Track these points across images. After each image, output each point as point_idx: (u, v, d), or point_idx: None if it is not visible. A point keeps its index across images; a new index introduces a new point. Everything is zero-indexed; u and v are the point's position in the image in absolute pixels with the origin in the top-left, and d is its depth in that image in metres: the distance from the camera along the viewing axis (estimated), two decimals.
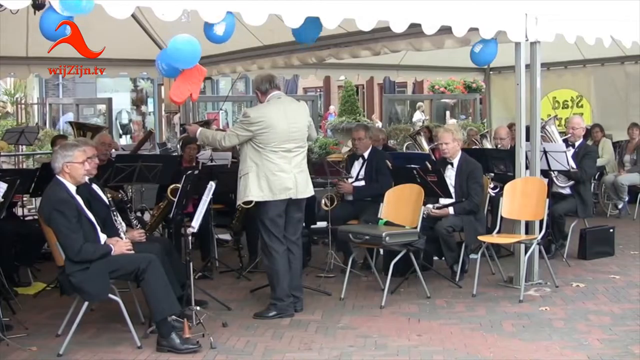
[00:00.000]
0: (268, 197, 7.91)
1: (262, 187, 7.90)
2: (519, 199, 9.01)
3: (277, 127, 7.92)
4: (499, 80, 17.05)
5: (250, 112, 8.10)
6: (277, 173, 7.90)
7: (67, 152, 7.25)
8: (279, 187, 7.91)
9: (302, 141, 8.19)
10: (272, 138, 7.90)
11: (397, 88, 35.38)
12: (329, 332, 7.52)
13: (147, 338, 7.23)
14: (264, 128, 7.88)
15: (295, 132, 8.07)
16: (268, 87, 8.18)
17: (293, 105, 8.37)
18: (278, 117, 7.97)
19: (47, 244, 8.24)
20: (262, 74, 8.65)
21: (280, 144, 7.94)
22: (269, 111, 8.00)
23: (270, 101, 8.14)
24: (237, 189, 8.10)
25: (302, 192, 8.11)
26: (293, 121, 8.07)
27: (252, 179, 7.91)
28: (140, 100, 33.26)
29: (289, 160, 7.98)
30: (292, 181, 7.98)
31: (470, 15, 8.44)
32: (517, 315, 7.96)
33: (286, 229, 8.12)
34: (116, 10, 6.42)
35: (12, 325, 7.64)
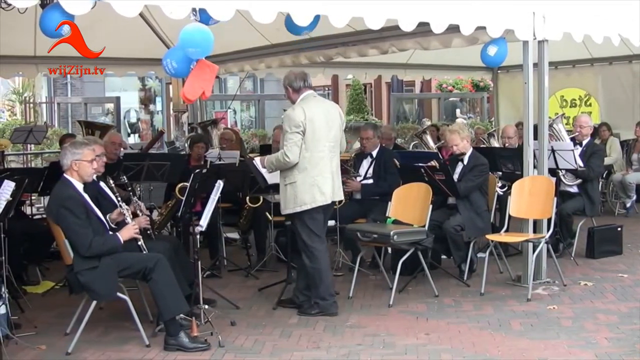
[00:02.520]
0: (321, 201, 7.87)
1: (314, 193, 7.83)
2: (527, 197, 9.00)
3: (320, 126, 7.87)
4: (507, 79, 17.03)
5: (293, 113, 7.89)
6: (325, 176, 7.87)
7: (77, 150, 7.26)
8: (328, 191, 7.89)
9: (338, 142, 8.12)
10: (315, 138, 7.83)
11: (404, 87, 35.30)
12: (337, 330, 7.52)
13: (155, 337, 7.24)
14: (308, 127, 7.80)
15: (332, 132, 8.01)
16: (302, 85, 8.06)
17: (329, 104, 8.36)
18: (319, 116, 7.91)
19: (55, 242, 8.26)
20: (295, 70, 8.45)
21: (322, 144, 7.89)
22: (310, 110, 7.89)
23: (306, 100, 8.01)
24: (283, 196, 7.96)
25: (337, 194, 8.10)
26: (332, 121, 8.03)
27: (301, 186, 7.82)
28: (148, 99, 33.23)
29: (329, 162, 7.94)
30: (332, 183, 7.96)
31: (478, 14, 8.44)
32: (525, 314, 7.95)
33: None
34: (125, 9, 6.43)
35: (21, 324, 7.65)
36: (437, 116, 30.32)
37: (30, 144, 16.32)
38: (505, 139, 11.72)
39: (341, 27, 7.71)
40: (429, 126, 16.29)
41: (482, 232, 9.20)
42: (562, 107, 16.84)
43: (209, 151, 11.68)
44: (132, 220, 7.43)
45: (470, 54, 11.34)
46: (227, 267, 10.28)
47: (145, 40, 12.12)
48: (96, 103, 27.48)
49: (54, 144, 18.83)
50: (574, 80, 16.63)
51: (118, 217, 7.52)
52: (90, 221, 7.08)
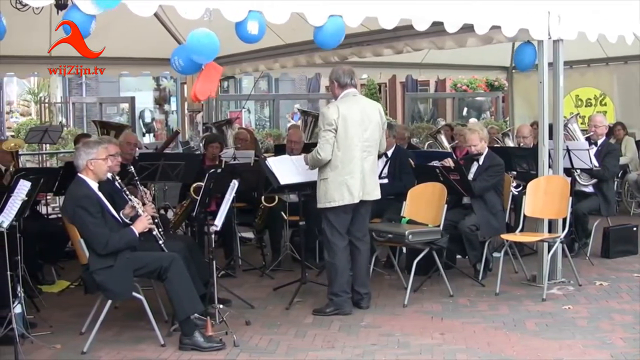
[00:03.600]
0: (348, 200, 7.91)
1: (342, 191, 7.88)
2: (542, 197, 8.98)
3: (353, 125, 7.89)
4: (521, 79, 16.96)
5: (327, 111, 7.98)
6: (354, 176, 7.89)
7: (91, 149, 7.29)
8: (356, 191, 7.91)
9: (375, 141, 8.13)
10: (347, 137, 7.87)
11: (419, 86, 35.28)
12: (352, 330, 7.52)
13: (170, 336, 7.25)
14: (341, 125, 7.84)
15: (368, 131, 8.02)
16: (348, 81, 8.10)
17: (367, 103, 8.36)
18: (354, 115, 7.93)
19: (70, 242, 8.29)
20: (344, 66, 8.50)
21: (356, 143, 7.91)
22: (345, 109, 7.92)
23: (345, 98, 8.05)
24: (318, 191, 8.05)
25: (371, 193, 8.10)
26: (368, 120, 8.03)
27: (332, 183, 7.90)
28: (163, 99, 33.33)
29: (361, 161, 7.95)
30: (364, 183, 7.97)
31: (492, 13, 8.43)
32: (540, 314, 7.94)
33: (353, 225, 8.13)
34: (140, 9, 6.45)
35: (37, 323, 7.69)
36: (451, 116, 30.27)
37: (45, 143, 16.37)
38: (520, 139, 11.68)
39: (355, 26, 7.72)
40: (443, 126, 16.27)
41: (497, 231, 9.18)
42: (577, 106, 16.78)
43: (224, 151, 11.68)
44: (143, 212, 7.46)
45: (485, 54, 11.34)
46: (242, 266, 10.29)
47: (160, 40, 12.14)
48: (111, 103, 27.55)
49: (69, 144, 18.88)
50: (589, 79, 16.57)
51: (131, 212, 7.52)
52: (105, 219, 7.11)
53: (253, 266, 10.21)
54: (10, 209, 6.81)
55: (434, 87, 35.34)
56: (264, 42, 12.14)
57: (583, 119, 15.17)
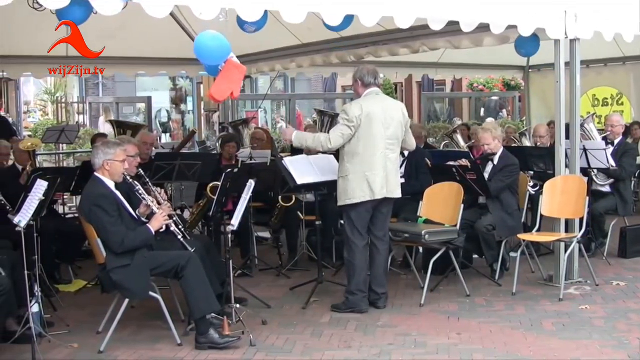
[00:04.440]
0: (368, 197, 7.93)
1: (364, 188, 7.91)
2: (559, 197, 8.95)
3: (376, 123, 7.92)
4: (538, 78, 16.92)
5: (350, 109, 8.02)
6: (375, 172, 7.91)
7: (109, 149, 7.32)
8: (378, 187, 7.92)
9: (397, 140, 8.15)
10: (370, 134, 7.90)
11: (435, 86, 35.22)
12: (369, 330, 7.52)
13: (187, 336, 7.27)
14: (364, 123, 7.87)
15: (391, 129, 8.04)
16: (372, 81, 8.14)
17: (390, 102, 8.38)
18: (376, 113, 7.95)
19: (87, 241, 8.32)
20: (368, 66, 8.57)
21: (378, 141, 7.94)
22: (368, 107, 7.96)
23: (368, 97, 8.09)
24: (338, 188, 8.09)
25: (393, 191, 8.11)
26: (390, 119, 8.06)
27: (353, 180, 7.93)
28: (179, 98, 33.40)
29: (383, 159, 7.97)
30: (386, 180, 7.98)
31: (508, 12, 8.42)
32: (557, 314, 7.92)
33: (373, 224, 8.16)
34: (155, 10, 6.47)
35: (54, 322, 7.72)
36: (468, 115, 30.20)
37: (62, 143, 16.41)
38: (537, 138, 11.63)
39: (371, 26, 7.73)
40: (460, 125, 16.25)
41: (514, 231, 9.17)
42: (594, 106, 16.72)
43: (240, 151, 11.71)
44: (158, 210, 7.47)
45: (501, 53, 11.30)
46: (259, 266, 10.30)
47: (177, 40, 12.13)
48: (128, 103, 27.60)
49: (86, 144, 18.92)
50: (605, 79, 16.49)
51: (146, 211, 7.54)
52: (122, 218, 7.13)
53: (269, 266, 10.22)
54: (28, 208, 6.83)
55: (450, 86, 35.27)
56: (280, 42, 12.26)
57: (600, 119, 15.11)
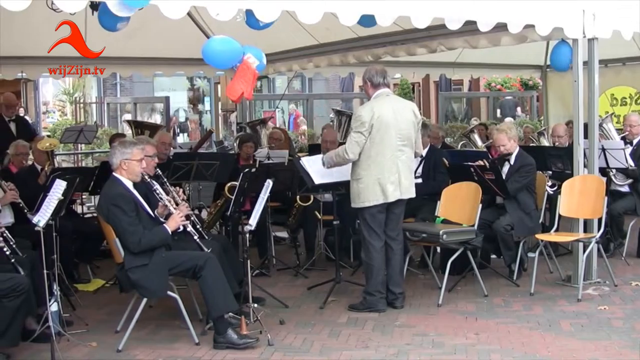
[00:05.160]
0: (381, 200, 7.95)
1: (376, 191, 7.92)
2: (577, 197, 8.93)
3: (387, 125, 7.92)
4: (556, 78, 16.82)
5: (361, 112, 8.04)
6: (387, 175, 7.91)
7: (126, 149, 7.34)
8: (390, 190, 7.93)
9: (409, 140, 8.14)
10: (381, 137, 7.89)
11: (452, 86, 35.17)
12: (386, 330, 7.52)
13: (204, 335, 7.29)
14: (375, 126, 7.87)
15: (402, 130, 8.04)
16: (381, 81, 8.14)
17: (400, 103, 8.37)
18: (388, 115, 7.95)
19: (106, 241, 8.35)
20: (377, 66, 8.60)
21: (390, 142, 7.94)
22: (379, 109, 7.96)
23: (378, 98, 8.09)
24: (351, 191, 8.11)
25: (406, 192, 8.11)
26: (401, 119, 8.05)
27: (365, 184, 7.94)
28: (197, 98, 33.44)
29: (395, 161, 7.97)
30: (399, 182, 7.99)
31: (526, 12, 8.40)
32: (575, 314, 7.89)
33: (386, 225, 8.16)
34: (171, 11, 6.48)
35: (73, 321, 7.77)
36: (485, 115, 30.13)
37: (80, 143, 16.46)
38: (555, 138, 11.61)
39: (387, 25, 7.73)
40: (477, 125, 16.21)
41: (532, 231, 9.15)
42: (612, 105, 16.63)
43: (258, 150, 11.72)
44: (175, 210, 7.49)
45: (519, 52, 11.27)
46: (276, 266, 10.32)
47: (194, 40, 12.16)
48: (145, 103, 27.65)
49: (104, 144, 18.98)
50: (624, 78, 16.40)
51: (164, 211, 7.57)
52: (140, 218, 7.15)
53: (287, 265, 10.24)
54: (47, 208, 6.86)
55: (467, 86, 35.21)
56: (298, 41, 12.27)
57: (618, 118, 15.05)
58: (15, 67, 12.56)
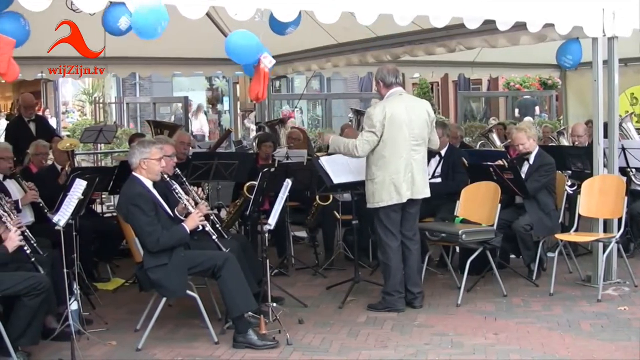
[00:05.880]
0: (395, 200, 7.95)
1: (391, 192, 7.93)
2: (597, 197, 8.89)
3: (400, 125, 7.92)
4: (575, 77, 16.74)
5: (374, 111, 8.04)
6: (401, 175, 7.92)
7: (145, 149, 7.37)
8: (403, 190, 7.93)
9: (423, 140, 8.14)
10: (394, 137, 7.90)
11: (471, 85, 35.08)
12: (405, 330, 7.52)
13: (224, 334, 7.30)
14: (388, 126, 7.87)
15: (416, 130, 8.04)
16: (394, 81, 8.13)
17: (414, 102, 8.38)
18: (401, 114, 7.95)
19: (125, 240, 8.38)
20: (389, 66, 8.60)
21: (404, 142, 7.94)
22: (392, 109, 7.95)
23: (391, 98, 8.09)
24: (366, 191, 8.12)
25: (420, 192, 8.11)
26: (415, 119, 8.05)
27: (380, 184, 7.95)
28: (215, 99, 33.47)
29: (409, 160, 7.97)
30: (412, 182, 7.99)
31: (545, 11, 8.38)
32: (595, 315, 7.87)
33: (402, 225, 8.16)
34: (190, 11, 6.51)
35: (93, 320, 7.81)
36: (504, 115, 30.05)
37: (100, 143, 16.53)
38: (575, 138, 11.56)
39: (405, 25, 7.72)
40: (496, 125, 16.16)
41: (551, 231, 9.12)
42: (632, 104, 16.52)
43: (277, 150, 11.73)
44: (194, 210, 7.51)
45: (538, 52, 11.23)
46: (295, 265, 10.34)
47: (213, 40, 12.18)
48: (165, 103, 27.72)
49: (123, 144, 19.03)
50: None
51: (183, 210, 7.60)
52: (159, 218, 7.18)
53: (306, 265, 10.26)
54: (67, 207, 6.91)
55: (486, 86, 35.12)
56: (316, 41, 12.26)
57: (638, 118, 14.98)
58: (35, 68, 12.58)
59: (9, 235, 6.63)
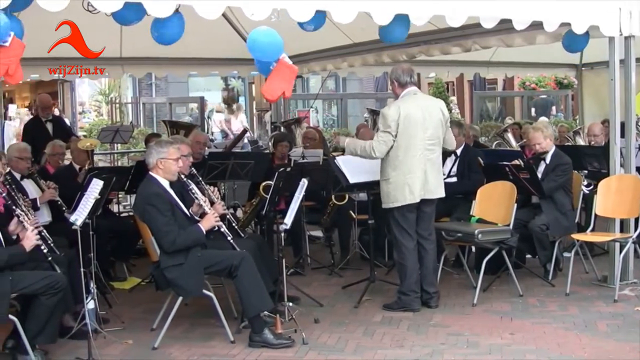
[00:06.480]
0: (410, 199, 7.95)
1: (404, 191, 7.92)
2: (614, 196, 8.86)
3: (415, 124, 7.92)
4: (591, 77, 16.69)
5: (388, 111, 8.03)
6: (415, 175, 7.92)
7: (162, 148, 7.40)
8: (417, 190, 7.93)
9: (438, 139, 8.14)
10: (409, 137, 7.89)
11: (487, 85, 35.01)
12: (421, 329, 7.52)
13: (239, 333, 7.32)
14: (403, 125, 7.87)
15: (430, 130, 8.03)
16: (408, 80, 8.12)
17: (428, 101, 8.38)
18: (416, 114, 7.95)
19: (141, 240, 8.40)
20: (403, 65, 8.60)
21: (419, 142, 7.93)
22: (406, 108, 7.95)
23: (405, 97, 8.09)
24: (381, 191, 8.13)
25: (434, 192, 8.10)
26: (429, 118, 8.04)
27: (394, 184, 7.96)
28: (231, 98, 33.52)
29: (423, 160, 7.97)
30: (425, 181, 7.98)
31: (562, 10, 8.34)
32: (611, 315, 7.85)
33: (418, 224, 8.16)
34: (206, 11, 6.53)
35: (109, 319, 7.84)
36: (520, 114, 29.98)
37: (116, 143, 16.58)
38: (591, 137, 11.53)
39: (421, 25, 7.71)
40: (511, 124, 16.13)
41: (568, 231, 9.09)
42: None
43: (293, 150, 11.74)
44: (210, 210, 7.53)
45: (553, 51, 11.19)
46: (311, 265, 10.36)
47: (228, 40, 12.22)
48: (180, 103, 27.79)
49: (139, 143, 19.10)
50: None
51: (199, 210, 7.63)
52: (175, 217, 7.20)
53: (322, 264, 10.27)
54: (84, 207, 6.94)
55: (501, 85, 35.04)
56: (332, 41, 12.27)
57: None
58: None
59: (25, 234, 6.65)
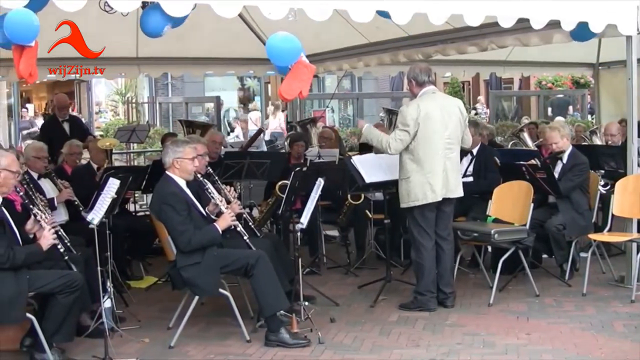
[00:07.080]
0: (431, 198, 7.94)
1: (425, 190, 7.90)
2: (631, 196, 8.82)
3: (434, 123, 7.91)
4: (608, 76, 16.64)
5: (408, 110, 8.03)
6: (436, 174, 7.91)
7: (178, 148, 7.41)
8: (438, 188, 7.92)
9: (457, 138, 8.13)
10: (428, 136, 7.89)
11: (503, 84, 35.00)
12: (437, 329, 7.51)
13: (256, 332, 7.33)
14: (422, 125, 7.86)
15: (449, 129, 8.02)
16: (426, 79, 8.11)
17: (447, 100, 8.37)
18: (434, 113, 7.94)
19: (158, 239, 8.43)
20: (421, 64, 8.58)
21: (438, 141, 7.93)
22: (425, 107, 7.94)
23: (424, 96, 8.07)
24: (400, 190, 8.11)
25: (454, 191, 8.09)
26: (448, 117, 8.03)
27: (414, 182, 7.94)
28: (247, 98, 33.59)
29: (442, 159, 7.96)
30: (446, 180, 7.97)
31: (579, 8, 8.31)
32: (628, 315, 7.81)
33: (437, 224, 8.14)
34: (224, 10, 6.54)
35: (125, 318, 7.86)
36: (536, 114, 29.92)
37: (133, 142, 16.64)
38: (608, 137, 11.48)
39: (440, 24, 7.70)
40: (527, 124, 16.09)
41: (584, 231, 9.06)
42: None
43: (309, 149, 11.75)
44: (226, 209, 7.54)
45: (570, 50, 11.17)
46: (327, 264, 10.35)
47: (244, 40, 12.25)
48: (196, 102, 27.85)
49: (155, 143, 19.17)
50: None
51: (215, 210, 7.64)
52: (191, 217, 7.21)
53: (338, 264, 10.27)
54: (100, 206, 6.96)
55: (517, 84, 35.01)
56: (348, 41, 12.27)
57: None
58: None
59: (42, 233, 6.68)
